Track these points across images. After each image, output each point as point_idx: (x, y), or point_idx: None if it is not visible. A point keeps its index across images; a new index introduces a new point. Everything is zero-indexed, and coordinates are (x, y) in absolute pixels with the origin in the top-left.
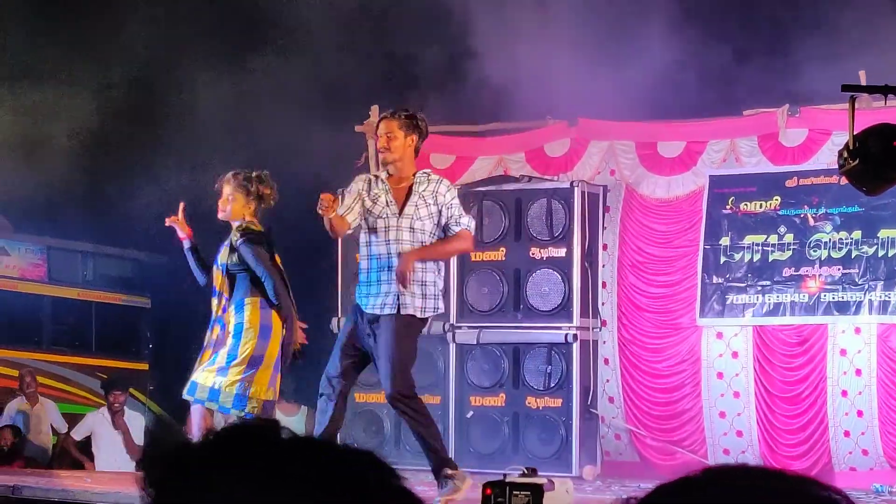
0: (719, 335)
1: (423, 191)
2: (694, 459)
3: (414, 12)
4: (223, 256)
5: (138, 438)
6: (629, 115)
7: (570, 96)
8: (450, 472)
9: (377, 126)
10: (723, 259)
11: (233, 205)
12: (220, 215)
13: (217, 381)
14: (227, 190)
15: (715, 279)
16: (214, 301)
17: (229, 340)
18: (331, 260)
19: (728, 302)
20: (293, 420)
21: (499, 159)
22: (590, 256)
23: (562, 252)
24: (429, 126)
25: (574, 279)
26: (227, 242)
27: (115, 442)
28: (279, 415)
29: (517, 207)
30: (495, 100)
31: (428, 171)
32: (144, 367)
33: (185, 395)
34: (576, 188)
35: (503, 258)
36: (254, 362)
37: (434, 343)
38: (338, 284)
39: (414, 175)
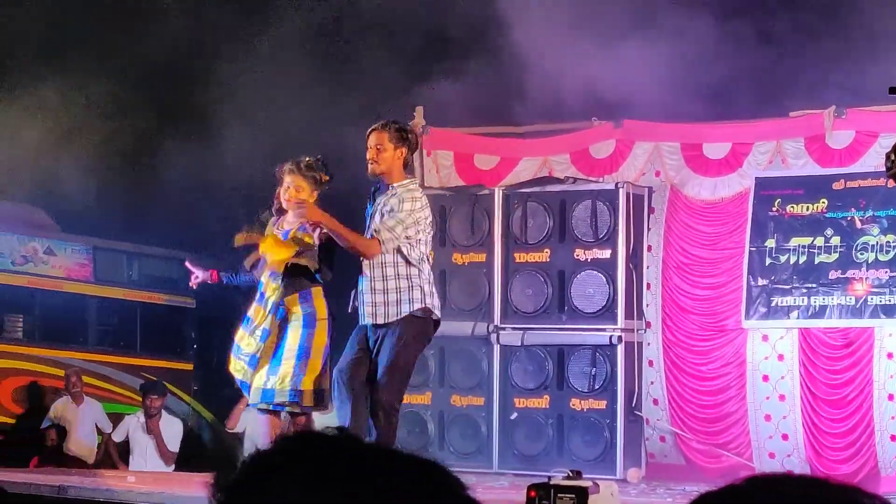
0: (765, 338)
1: (383, 205)
2: (739, 462)
3: (457, 15)
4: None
5: (174, 444)
6: (675, 117)
7: (615, 97)
8: None
9: (367, 137)
10: (768, 261)
11: (300, 194)
12: (286, 205)
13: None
14: (290, 179)
15: (760, 281)
16: (273, 285)
17: (298, 331)
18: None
19: (773, 304)
20: (326, 419)
21: (543, 160)
22: (634, 258)
23: (606, 253)
24: (475, 127)
25: (619, 281)
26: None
27: (148, 446)
28: (313, 414)
29: (562, 209)
30: (540, 101)
31: (406, 182)
32: (189, 367)
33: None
34: (621, 189)
35: (548, 259)
36: (316, 353)
37: (478, 344)
38: None
39: (396, 186)
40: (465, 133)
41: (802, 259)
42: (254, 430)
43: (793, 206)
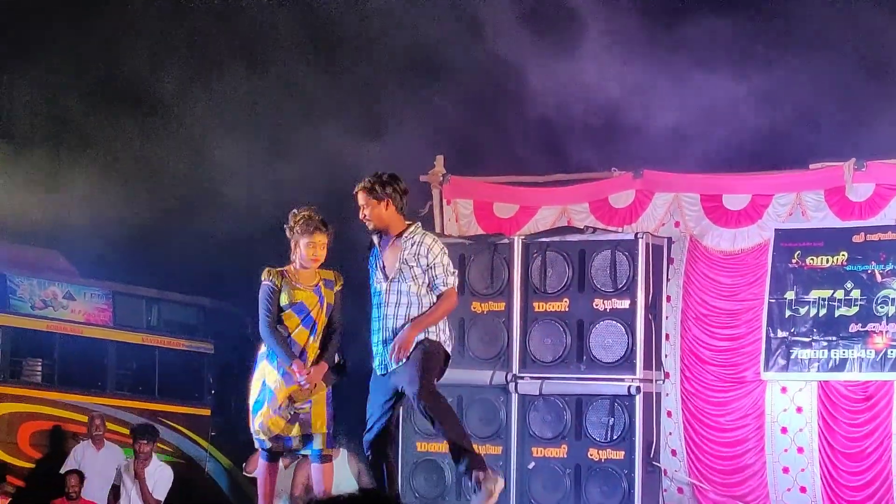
0: (784, 389)
1: (407, 254)
2: None
3: (479, 63)
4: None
5: (160, 491)
6: (694, 167)
7: (634, 147)
8: (481, 475)
9: (355, 197)
10: (788, 313)
11: (323, 251)
12: (309, 263)
13: None
14: (318, 238)
15: (780, 333)
16: (310, 337)
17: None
18: None
19: (793, 356)
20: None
21: (563, 209)
22: (653, 308)
23: (625, 304)
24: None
25: (637, 331)
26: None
27: (132, 490)
28: None
29: (581, 258)
30: (559, 150)
31: (415, 227)
32: (206, 412)
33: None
34: (640, 240)
35: (566, 309)
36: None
37: (496, 393)
38: None
39: (401, 235)
40: (484, 181)
41: (822, 312)
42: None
43: (812, 259)
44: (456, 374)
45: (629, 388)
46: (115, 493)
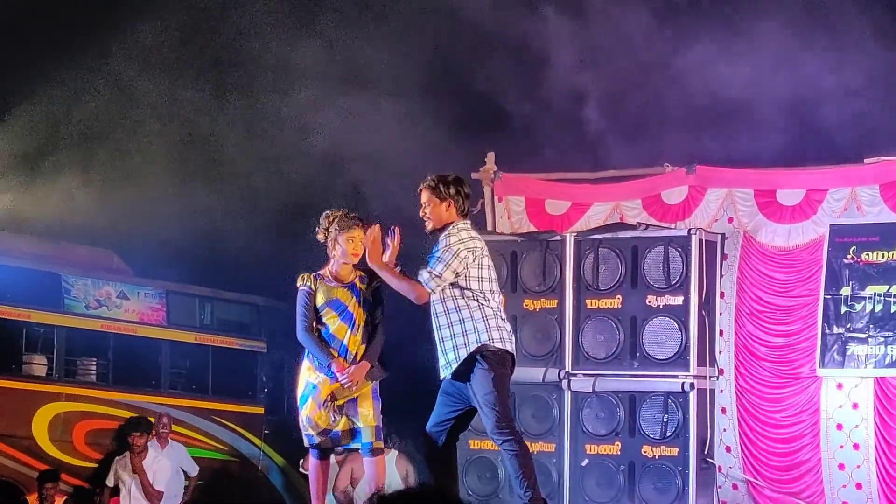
0: (839, 386)
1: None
2: None
3: (530, 62)
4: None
5: (161, 482)
6: (748, 162)
7: (688, 142)
8: None
9: (419, 194)
10: (843, 309)
11: (359, 247)
12: (350, 259)
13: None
14: (357, 234)
15: (836, 329)
16: (349, 331)
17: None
18: None
19: (849, 352)
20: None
21: (615, 206)
22: (707, 305)
23: (679, 300)
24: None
25: (691, 327)
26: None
27: (132, 485)
28: None
29: (634, 255)
30: (612, 146)
31: (451, 227)
32: (260, 410)
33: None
34: (693, 236)
35: (619, 305)
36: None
37: (549, 390)
38: None
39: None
40: (536, 178)
41: (879, 307)
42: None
43: (868, 254)
44: None
45: (683, 384)
46: (113, 492)
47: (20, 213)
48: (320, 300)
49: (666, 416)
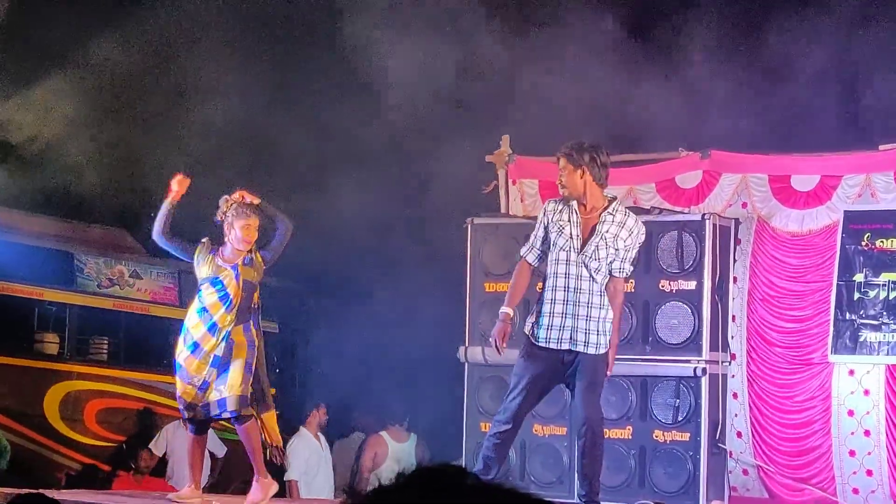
0: (851, 372)
1: (606, 231)
2: (823, 497)
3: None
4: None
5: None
6: (762, 148)
7: (702, 127)
8: None
9: (557, 161)
10: (857, 295)
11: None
12: (242, 245)
13: None
14: (253, 221)
15: (848, 315)
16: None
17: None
18: (459, 287)
19: (861, 339)
20: (404, 447)
21: (629, 189)
22: (720, 290)
23: (692, 285)
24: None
25: (704, 312)
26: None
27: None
28: (389, 441)
29: (647, 239)
30: (627, 130)
31: (617, 203)
32: (272, 391)
33: None
34: (707, 221)
35: (632, 290)
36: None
37: None
38: (466, 313)
39: (604, 208)
40: (550, 161)
41: (892, 294)
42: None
43: (882, 241)
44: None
45: (695, 369)
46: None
47: (33, 192)
48: (205, 273)
49: (678, 400)
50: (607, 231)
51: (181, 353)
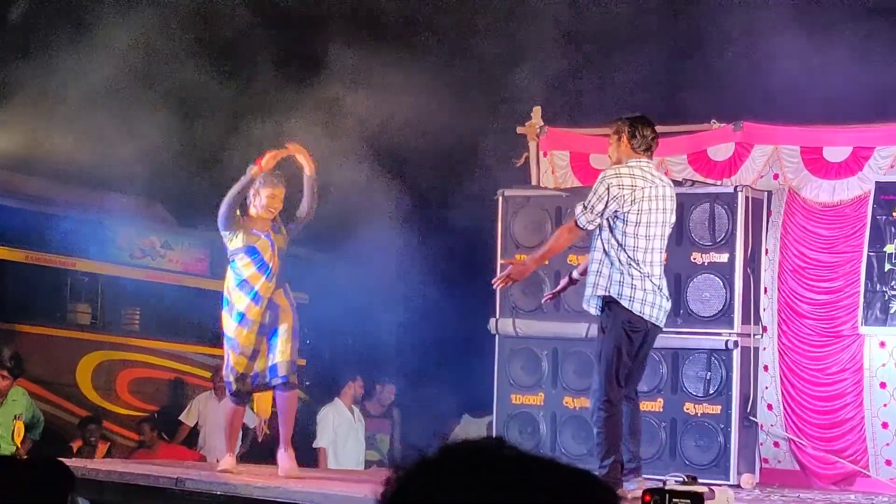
0: (882, 344)
1: None
2: (854, 470)
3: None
4: None
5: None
6: (795, 119)
7: (735, 98)
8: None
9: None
10: (888, 266)
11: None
12: (265, 212)
13: None
14: (276, 191)
15: (879, 287)
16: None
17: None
18: (490, 261)
19: (892, 310)
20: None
21: (660, 161)
22: (752, 262)
23: (724, 257)
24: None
25: (736, 285)
26: None
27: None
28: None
29: (679, 211)
30: (658, 101)
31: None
32: (301, 362)
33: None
34: (740, 193)
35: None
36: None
37: (591, 346)
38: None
39: None
40: (581, 133)
41: None
42: None
43: None
44: (550, 328)
45: (726, 342)
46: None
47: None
48: (238, 243)
49: (709, 373)
50: None
51: (228, 325)
